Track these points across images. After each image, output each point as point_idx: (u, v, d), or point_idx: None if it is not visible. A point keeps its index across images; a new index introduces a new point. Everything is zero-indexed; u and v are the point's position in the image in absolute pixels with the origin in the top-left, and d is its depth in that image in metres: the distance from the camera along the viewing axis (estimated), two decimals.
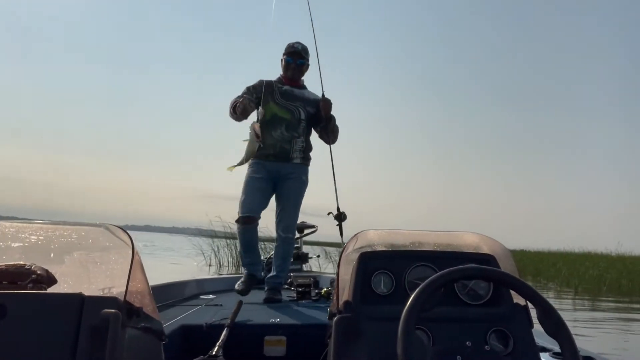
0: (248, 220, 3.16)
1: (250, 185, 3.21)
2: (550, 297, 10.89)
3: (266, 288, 3.20)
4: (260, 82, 3.34)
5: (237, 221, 3.20)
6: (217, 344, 1.92)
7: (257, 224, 3.22)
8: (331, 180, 3.66)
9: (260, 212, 3.22)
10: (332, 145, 3.52)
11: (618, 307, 9.78)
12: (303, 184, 3.34)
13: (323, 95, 3.38)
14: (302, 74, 3.43)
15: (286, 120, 3.26)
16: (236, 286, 3.19)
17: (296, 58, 3.35)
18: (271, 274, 3.28)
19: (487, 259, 1.30)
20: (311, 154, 3.43)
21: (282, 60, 3.40)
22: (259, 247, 3.43)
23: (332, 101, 3.35)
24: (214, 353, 1.85)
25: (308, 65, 3.43)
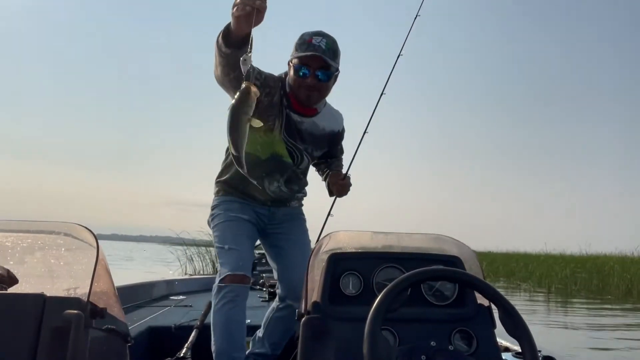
0: (240, 280, 1.88)
1: (235, 230, 2.00)
2: (524, 297, 11.11)
3: None
4: (274, 79, 1.94)
5: (221, 282, 1.88)
6: (186, 345, 1.90)
7: (248, 289, 1.96)
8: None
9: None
10: None
11: (589, 307, 10.04)
12: (306, 228, 2.23)
13: (346, 174, 2.16)
14: (325, 95, 1.97)
15: (288, 170, 2.04)
16: None
17: (316, 66, 1.83)
18: (257, 349, 2.13)
19: (453, 261, 1.33)
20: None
21: (290, 65, 1.90)
22: None
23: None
24: (182, 355, 1.83)
25: (337, 75, 1.94)
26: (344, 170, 2.23)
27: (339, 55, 1.89)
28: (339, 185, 2.12)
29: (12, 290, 1.11)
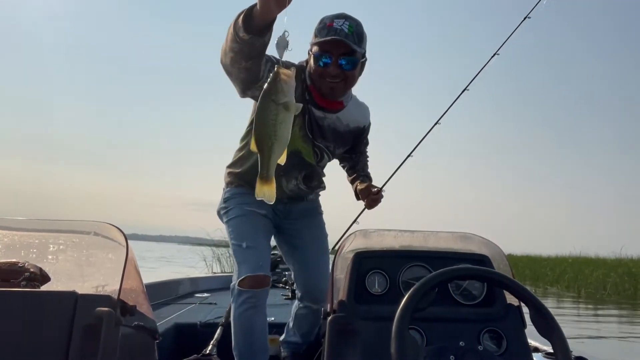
0: (261, 282, 1.77)
1: (252, 224, 1.87)
2: (552, 301, 10.86)
3: (282, 355, 2.14)
4: (295, 69, 1.37)
5: (240, 286, 1.76)
6: (211, 342, 1.92)
7: (267, 292, 1.85)
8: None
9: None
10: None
11: (621, 312, 9.75)
12: (322, 218, 2.12)
13: (381, 189, 2.06)
14: (351, 86, 1.78)
15: (307, 168, 1.90)
16: None
17: (339, 53, 1.64)
18: (290, 338, 2.17)
19: (481, 260, 1.30)
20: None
21: (310, 54, 1.72)
22: None
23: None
24: (207, 352, 1.84)
25: (365, 62, 1.74)
26: (372, 173, 2.15)
27: (365, 39, 1.68)
28: (370, 199, 2.03)
29: (44, 288, 1.14)
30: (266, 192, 1.17)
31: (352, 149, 2.05)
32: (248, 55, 1.39)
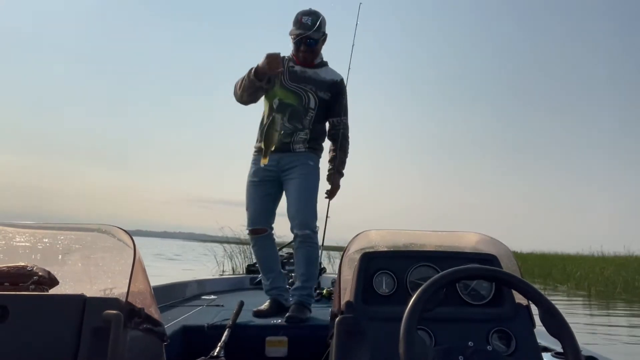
0: (255, 232, 2.77)
1: (250, 193, 2.77)
2: (561, 300, 10.78)
3: (290, 303, 2.63)
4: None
5: (248, 234, 2.84)
6: (219, 344, 1.93)
7: (270, 235, 2.79)
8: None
9: (270, 222, 2.80)
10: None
11: (633, 310, 9.65)
12: (312, 169, 2.74)
13: (335, 176, 2.84)
14: (317, 54, 2.74)
15: (291, 108, 2.67)
16: (254, 309, 2.65)
17: (305, 39, 2.63)
18: (295, 286, 2.70)
19: (489, 259, 1.30)
20: (323, 144, 2.88)
21: (291, 37, 2.71)
22: (283, 269, 3.02)
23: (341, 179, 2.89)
24: (215, 354, 1.85)
25: (325, 38, 2.73)
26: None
27: (324, 24, 2.68)
28: (330, 191, 2.88)
29: (53, 291, 1.15)
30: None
31: (335, 102, 2.77)
32: (256, 90, 2.64)
